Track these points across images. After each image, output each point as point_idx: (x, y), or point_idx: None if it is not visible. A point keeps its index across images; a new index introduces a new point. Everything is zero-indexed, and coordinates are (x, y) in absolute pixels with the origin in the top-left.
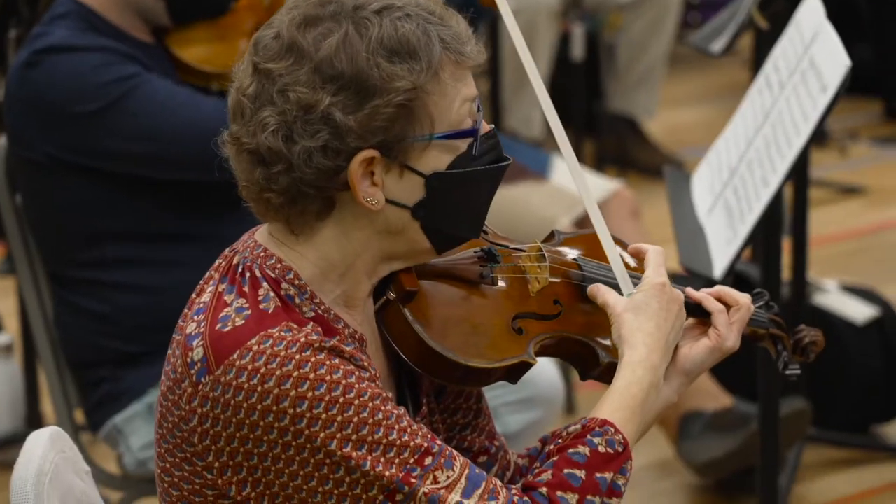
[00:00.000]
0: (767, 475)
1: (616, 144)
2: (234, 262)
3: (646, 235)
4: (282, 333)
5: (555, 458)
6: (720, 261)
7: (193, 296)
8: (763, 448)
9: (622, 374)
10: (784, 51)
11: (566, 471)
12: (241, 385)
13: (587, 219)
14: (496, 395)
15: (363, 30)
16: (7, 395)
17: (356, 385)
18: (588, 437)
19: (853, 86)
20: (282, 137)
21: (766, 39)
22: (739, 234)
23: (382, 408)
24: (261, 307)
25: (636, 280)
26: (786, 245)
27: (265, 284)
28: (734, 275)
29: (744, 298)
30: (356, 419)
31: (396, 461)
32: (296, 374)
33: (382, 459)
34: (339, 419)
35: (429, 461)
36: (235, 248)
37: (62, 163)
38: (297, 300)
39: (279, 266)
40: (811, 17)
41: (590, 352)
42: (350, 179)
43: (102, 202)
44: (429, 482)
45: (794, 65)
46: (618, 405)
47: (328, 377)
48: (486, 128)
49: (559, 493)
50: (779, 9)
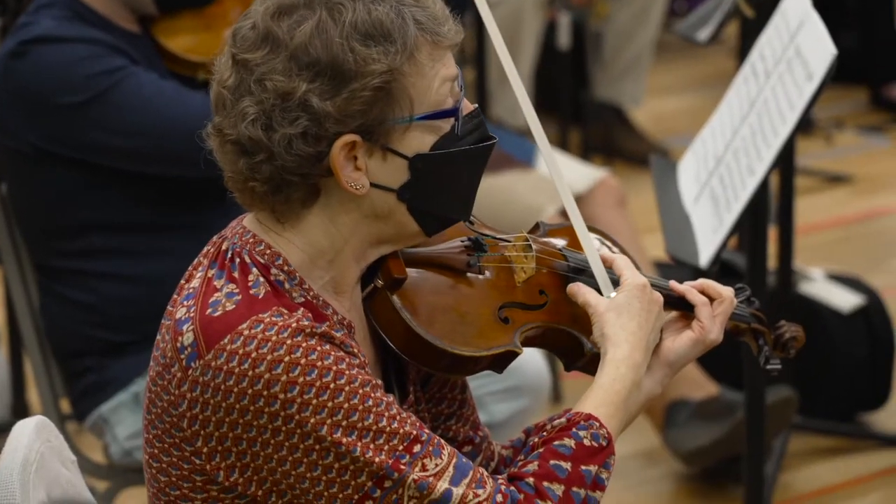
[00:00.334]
0: (753, 463)
1: (602, 133)
2: (224, 248)
3: (631, 224)
4: (273, 318)
5: (540, 450)
6: (706, 249)
7: (182, 281)
8: (749, 436)
9: (606, 371)
10: (770, 39)
11: (552, 462)
12: (232, 369)
13: None
14: (482, 384)
15: (336, 15)
16: None
17: (347, 371)
18: (574, 431)
19: (839, 74)
20: (261, 126)
21: (752, 28)
22: (725, 223)
23: (372, 394)
24: (251, 292)
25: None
26: (772, 233)
27: (255, 270)
28: (720, 263)
29: (727, 291)
30: (347, 405)
31: (386, 448)
32: (287, 359)
33: (372, 446)
34: (330, 405)
35: (417, 449)
36: (224, 235)
37: (47, 153)
38: (287, 286)
39: (268, 252)
40: (797, 6)
41: (575, 342)
42: (333, 165)
43: (88, 193)
44: (417, 469)
45: (780, 53)
46: (601, 401)
47: (319, 363)
48: (469, 107)
49: (546, 484)
50: None
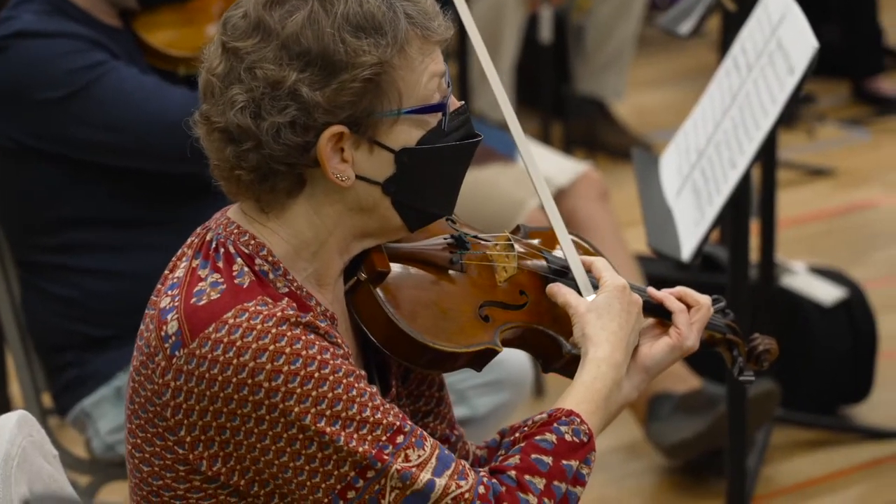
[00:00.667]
0: (736, 456)
1: (584, 127)
2: (208, 239)
3: (614, 218)
4: (258, 307)
5: (522, 445)
6: (688, 242)
7: (166, 272)
8: (731, 429)
9: (587, 370)
10: (751, 33)
11: (534, 456)
12: (217, 358)
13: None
14: (464, 378)
15: (329, 6)
16: None
17: (331, 361)
18: (555, 426)
19: (821, 67)
20: (250, 114)
21: (734, 21)
22: (707, 216)
23: (356, 385)
24: (235, 282)
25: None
26: (754, 227)
27: (239, 260)
28: (702, 256)
29: (704, 299)
30: (331, 395)
31: (369, 438)
32: (272, 348)
33: (356, 435)
34: (314, 394)
35: (400, 439)
36: (208, 226)
37: (28, 148)
38: (271, 276)
39: (252, 242)
40: None
41: (553, 343)
42: (319, 156)
43: (69, 188)
44: (400, 460)
45: (762, 47)
46: (582, 398)
47: (304, 352)
48: (456, 104)
49: (527, 477)
50: None
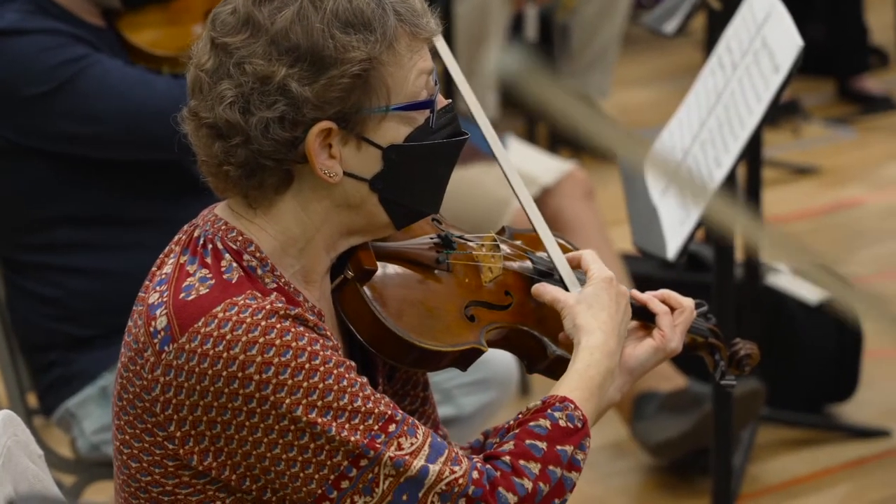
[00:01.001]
0: (721, 455)
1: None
2: (196, 235)
3: (599, 216)
4: (247, 301)
5: (516, 431)
6: (673, 241)
7: (154, 269)
8: (717, 428)
9: (580, 357)
10: (736, 31)
11: (528, 442)
12: (207, 352)
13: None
14: (450, 377)
15: (318, 2)
16: None
17: (321, 352)
18: (549, 412)
19: (806, 66)
20: (239, 109)
21: (719, 20)
22: (693, 215)
23: (346, 375)
24: (224, 277)
25: (580, 277)
26: None
27: (227, 256)
28: (687, 255)
29: (687, 302)
30: (321, 385)
31: (361, 427)
32: (262, 341)
33: (347, 425)
34: (305, 385)
35: (392, 428)
36: (195, 223)
37: (13, 146)
38: (259, 272)
39: (240, 238)
40: None
41: (538, 345)
42: (308, 151)
43: (54, 186)
44: (393, 448)
45: (747, 45)
46: (576, 385)
47: (294, 343)
48: (444, 102)
49: (522, 462)
50: None
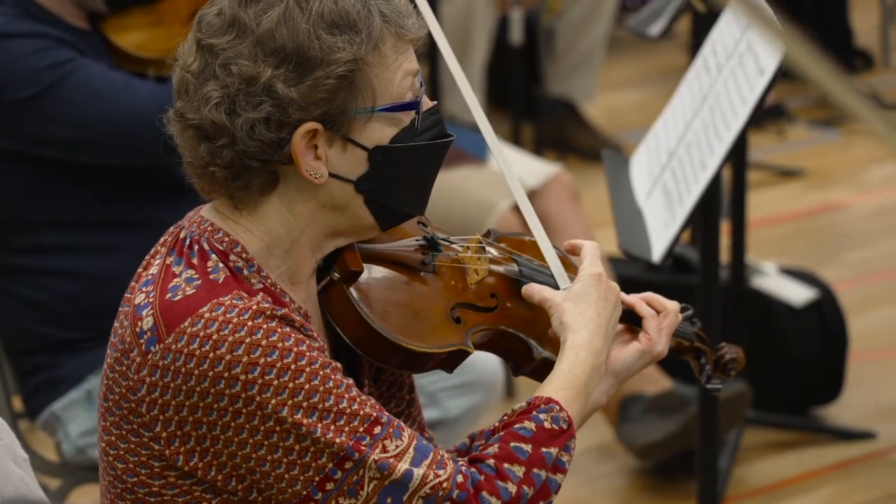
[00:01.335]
0: (707, 458)
1: (555, 128)
2: (182, 237)
3: (585, 219)
4: (233, 301)
5: (501, 433)
6: (659, 244)
7: (140, 270)
8: (702, 430)
9: (566, 357)
10: (721, 34)
11: (513, 444)
12: (193, 352)
13: None
14: (435, 380)
15: (304, 3)
16: None
17: (307, 353)
18: (534, 414)
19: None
20: (225, 110)
21: (704, 23)
22: (678, 217)
23: (332, 377)
24: (211, 277)
25: (571, 277)
26: (724, 228)
27: (213, 256)
28: (673, 258)
29: (672, 305)
30: (307, 386)
31: (346, 429)
32: (248, 341)
33: (333, 427)
34: (291, 386)
35: (378, 430)
36: (181, 225)
37: (2, 150)
38: (246, 272)
39: (227, 239)
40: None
41: (524, 347)
42: (293, 152)
43: (39, 189)
44: (378, 450)
45: (732, 48)
46: (561, 385)
47: (280, 344)
48: (429, 103)
49: (506, 465)
50: None
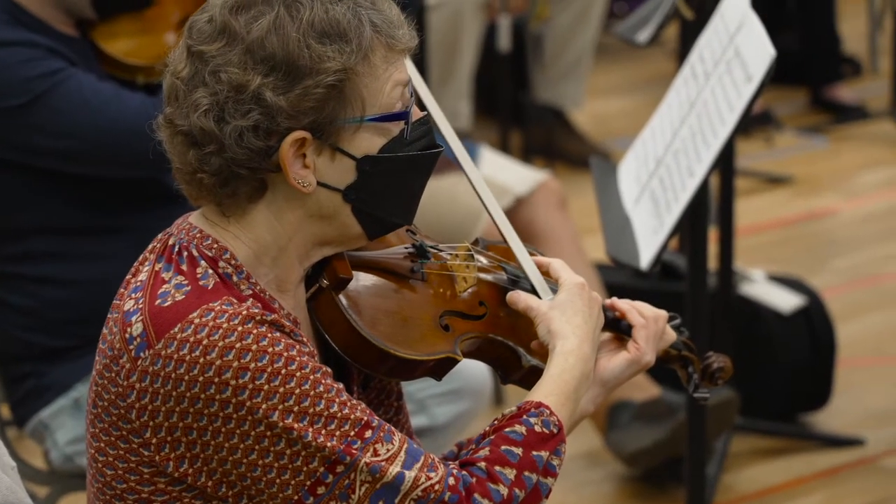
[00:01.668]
0: (695, 464)
1: (543, 135)
2: (170, 244)
3: (573, 226)
4: (223, 307)
5: (491, 437)
6: (647, 251)
7: (128, 277)
8: (691, 437)
9: (555, 363)
10: (709, 41)
11: (503, 447)
12: (183, 357)
13: (511, 211)
14: (424, 387)
15: (294, 12)
16: None
17: (297, 357)
18: (524, 418)
19: (778, 75)
20: (213, 117)
21: (692, 30)
22: (666, 224)
23: (323, 381)
24: (200, 283)
25: (552, 287)
26: (712, 235)
27: (203, 263)
28: (661, 265)
29: (660, 313)
30: (298, 391)
31: (337, 433)
32: (238, 346)
33: (324, 431)
34: (282, 390)
35: (369, 434)
36: (170, 232)
37: None
38: (235, 278)
39: (216, 246)
40: (736, 8)
41: (512, 355)
42: (281, 161)
43: (27, 196)
44: (369, 454)
45: (720, 55)
46: (550, 390)
47: (270, 349)
48: (419, 114)
49: (497, 468)
50: None
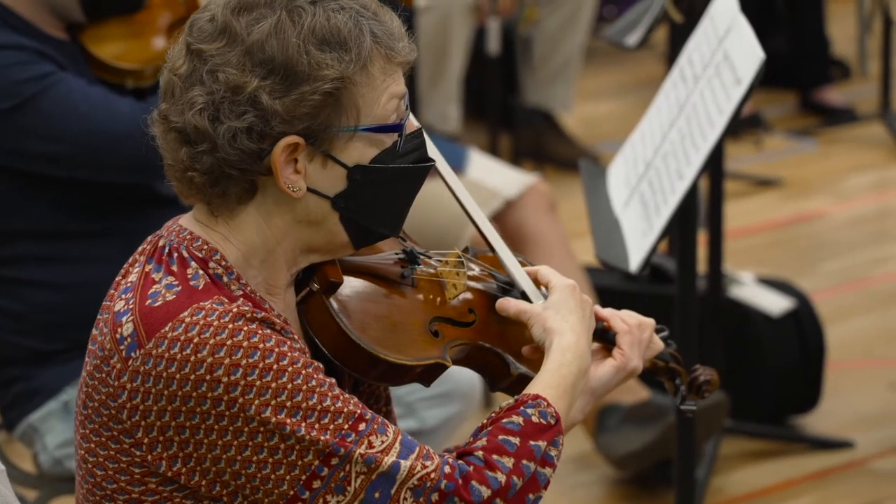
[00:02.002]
0: (685, 467)
1: (532, 138)
2: (161, 245)
3: (562, 229)
4: (214, 305)
5: (489, 428)
6: (636, 254)
7: (118, 278)
8: (680, 440)
9: (552, 358)
10: (698, 44)
11: (501, 437)
12: (174, 356)
13: (500, 215)
14: (413, 390)
15: (296, 17)
16: None
17: (288, 353)
18: (521, 409)
19: (768, 78)
20: (208, 117)
21: (681, 33)
22: (655, 227)
23: (315, 376)
24: (191, 283)
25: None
26: (701, 238)
27: (193, 263)
28: (650, 267)
29: (646, 320)
30: (290, 386)
31: (331, 427)
32: (229, 343)
33: (317, 425)
34: (274, 386)
35: (363, 427)
36: (160, 234)
37: None
38: (226, 279)
39: (205, 248)
40: (725, 11)
41: (501, 363)
42: (273, 164)
43: (16, 200)
44: (364, 446)
45: (709, 58)
46: (548, 384)
47: (261, 345)
48: (413, 126)
49: (495, 457)
50: (693, 2)
